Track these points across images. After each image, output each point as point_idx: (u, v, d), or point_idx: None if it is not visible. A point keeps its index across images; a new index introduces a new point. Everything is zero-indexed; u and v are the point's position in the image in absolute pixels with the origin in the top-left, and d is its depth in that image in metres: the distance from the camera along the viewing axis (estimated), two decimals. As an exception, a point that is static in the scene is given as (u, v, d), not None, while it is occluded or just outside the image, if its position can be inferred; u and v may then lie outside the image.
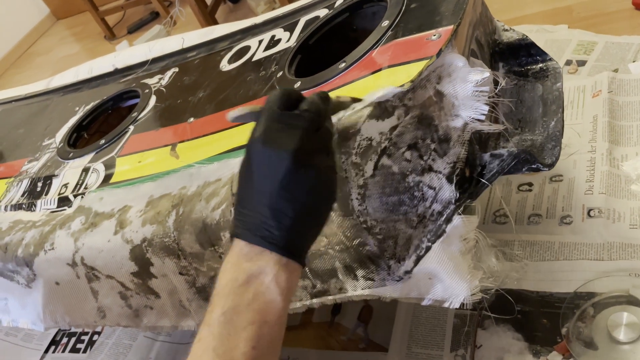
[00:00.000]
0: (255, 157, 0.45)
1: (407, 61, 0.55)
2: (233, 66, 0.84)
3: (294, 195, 0.44)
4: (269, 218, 0.44)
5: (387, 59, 0.57)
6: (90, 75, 1.14)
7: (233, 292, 0.43)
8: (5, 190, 0.91)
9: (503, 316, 0.76)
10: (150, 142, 0.79)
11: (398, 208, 0.53)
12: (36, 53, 2.97)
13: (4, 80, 2.83)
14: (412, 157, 0.54)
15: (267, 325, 0.43)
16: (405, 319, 0.83)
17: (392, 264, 0.55)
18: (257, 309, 0.43)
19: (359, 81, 0.58)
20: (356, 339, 0.86)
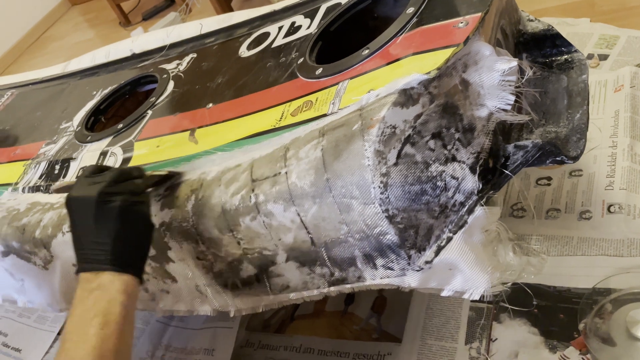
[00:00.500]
0: (72, 207, 0.60)
1: (433, 48, 0.54)
2: (252, 52, 0.84)
3: (106, 226, 0.58)
4: (94, 247, 0.58)
5: (412, 46, 0.56)
6: (107, 59, 1.14)
7: (80, 303, 0.56)
8: (23, 173, 0.91)
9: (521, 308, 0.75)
10: (169, 127, 0.79)
11: (420, 197, 0.53)
12: (51, 38, 2.97)
13: (18, 65, 2.84)
14: (436, 146, 0.53)
15: (110, 314, 0.55)
16: (419, 310, 0.83)
17: (412, 253, 0.54)
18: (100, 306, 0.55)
19: (382, 68, 0.58)
20: (369, 329, 0.86)
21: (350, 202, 0.53)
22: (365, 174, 0.51)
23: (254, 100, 0.72)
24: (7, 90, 1.26)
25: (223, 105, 0.76)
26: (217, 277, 0.66)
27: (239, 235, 0.61)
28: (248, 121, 0.69)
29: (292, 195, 0.56)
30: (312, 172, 0.55)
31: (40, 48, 2.91)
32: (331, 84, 0.62)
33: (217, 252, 0.64)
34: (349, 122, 0.53)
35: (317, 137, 0.55)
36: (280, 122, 0.63)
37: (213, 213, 0.62)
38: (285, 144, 0.58)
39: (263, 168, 0.59)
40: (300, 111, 0.62)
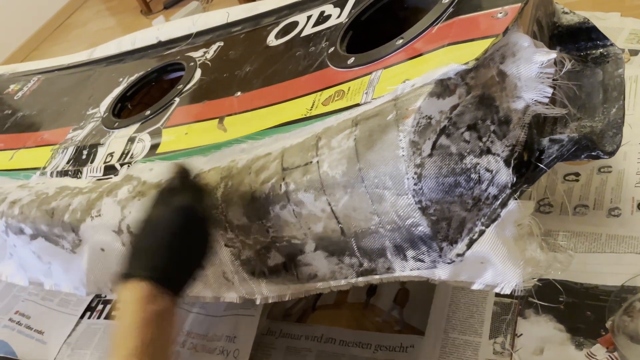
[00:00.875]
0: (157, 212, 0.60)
1: (471, 39, 0.53)
2: (280, 41, 0.84)
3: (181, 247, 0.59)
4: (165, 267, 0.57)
5: (449, 37, 0.56)
6: (133, 47, 1.15)
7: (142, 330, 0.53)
8: (50, 157, 0.92)
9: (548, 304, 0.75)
10: (197, 115, 0.79)
11: (454, 190, 0.52)
12: (73, 25, 3.00)
13: (41, 52, 2.87)
14: (471, 138, 0.53)
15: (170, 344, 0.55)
16: (443, 303, 0.83)
17: (444, 246, 0.54)
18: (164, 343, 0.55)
19: (417, 58, 0.57)
20: (391, 321, 0.86)
21: (383, 192, 0.53)
22: (399, 164, 0.51)
23: (284, 89, 0.72)
24: (33, 76, 1.28)
25: (252, 94, 0.76)
26: (245, 265, 0.66)
27: (268, 223, 0.61)
28: (278, 110, 0.69)
29: (323, 184, 0.56)
30: (344, 161, 0.54)
31: (63, 35, 2.93)
32: (364, 74, 0.61)
33: (246, 240, 0.64)
34: (383, 112, 0.53)
35: (350, 127, 0.55)
36: (311, 111, 0.63)
37: (242, 201, 0.62)
38: (317, 133, 0.58)
39: (294, 157, 0.59)
40: (332, 100, 0.62)
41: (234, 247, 0.66)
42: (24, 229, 0.82)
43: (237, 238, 0.65)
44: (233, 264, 0.67)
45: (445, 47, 0.55)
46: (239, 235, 0.64)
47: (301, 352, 0.89)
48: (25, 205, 0.81)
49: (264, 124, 0.68)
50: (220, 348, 0.93)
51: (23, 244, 0.84)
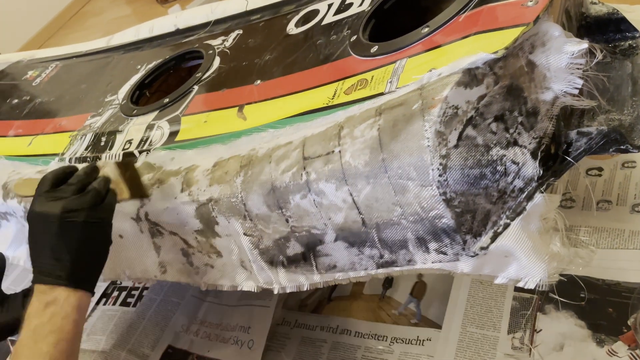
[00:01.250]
0: (33, 221, 0.62)
1: (500, 27, 0.52)
2: (301, 29, 0.83)
3: (66, 244, 0.60)
4: (53, 263, 0.60)
5: (477, 25, 0.54)
6: (151, 34, 1.14)
7: (36, 316, 0.59)
8: (69, 144, 0.93)
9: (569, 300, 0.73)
10: (216, 103, 0.79)
11: (479, 182, 0.51)
12: (89, 13, 3.00)
13: (57, 39, 2.88)
14: (498, 129, 0.51)
15: (63, 331, 0.58)
16: (460, 297, 0.82)
17: (468, 238, 0.53)
18: (55, 322, 0.58)
19: (444, 47, 0.56)
20: (408, 314, 0.85)
21: (407, 183, 0.52)
22: (424, 155, 0.50)
23: (304, 78, 0.71)
24: (51, 62, 1.28)
25: (272, 82, 0.75)
26: (263, 254, 0.66)
27: (287, 212, 0.61)
28: (298, 99, 0.68)
29: (345, 174, 0.55)
30: (367, 151, 0.54)
31: (79, 23, 2.94)
32: (388, 62, 0.60)
33: (265, 229, 0.64)
34: (409, 101, 0.52)
35: (374, 116, 0.54)
36: (333, 100, 0.62)
37: (262, 190, 0.61)
38: (339, 122, 0.57)
39: (315, 146, 0.58)
40: (355, 89, 0.61)
41: (253, 235, 0.65)
42: (43, 214, 0.82)
43: (256, 227, 0.64)
44: (251, 253, 0.66)
45: (473, 35, 0.54)
46: (258, 224, 0.64)
47: (316, 342, 0.88)
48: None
49: (284, 112, 0.67)
50: (235, 338, 0.93)
51: (41, 229, 0.84)
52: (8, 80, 1.31)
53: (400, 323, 0.84)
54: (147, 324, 1.04)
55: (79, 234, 0.61)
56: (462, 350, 0.76)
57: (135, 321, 1.05)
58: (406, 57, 0.59)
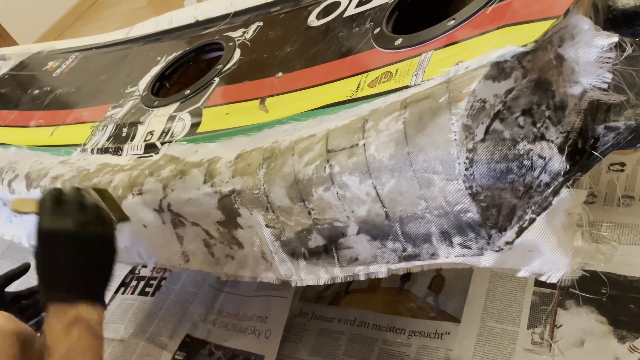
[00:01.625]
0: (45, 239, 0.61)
1: (529, 20, 0.51)
2: (322, 22, 0.82)
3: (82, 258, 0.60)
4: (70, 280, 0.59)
5: (505, 18, 0.54)
6: (171, 26, 1.15)
7: (63, 338, 0.56)
8: (90, 134, 0.94)
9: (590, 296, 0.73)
10: (237, 95, 0.79)
11: (505, 176, 0.51)
12: (105, 5, 3.02)
13: (74, 30, 2.90)
14: (525, 123, 0.51)
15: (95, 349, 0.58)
16: (479, 291, 0.82)
17: (493, 233, 0.53)
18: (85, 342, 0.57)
19: (471, 39, 0.55)
20: (426, 308, 0.85)
21: (432, 177, 0.52)
22: (450, 148, 0.50)
23: (327, 70, 0.71)
24: (71, 54, 1.29)
25: (294, 75, 0.75)
26: (285, 246, 0.66)
27: (310, 205, 0.61)
28: (321, 91, 0.68)
29: (370, 167, 0.55)
30: (392, 144, 0.53)
31: (95, 14, 2.96)
32: (413, 55, 0.60)
33: (287, 221, 0.64)
34: (435, 94, 0.52)
35: (399, 109, 0.54)
36: (356, 93, 0.62)
37: (285, 182, 0.62)
38: (363, 115, 0.57)
39: (339, 139, 0.58)
40: (379, 82, 0.61)
41: (275, 228, 0.65)
42: (66, 204, 0.83)
43: (278, 219, 0.65)
44: (273, 245, 0.67)
45: (501, 28, 0.53)
46: (280, 216, 0.64)
47: (334, 334, 0.89)
48: (67, 181, 0.83)
49: (307, 105, 0.67)
50: (252, 328, 0.94)
51: (64, 219, 0.85)
52: (28, 71, 1.33)
53: (418, 316, 0.85)
54: (165, 313, 1.05)
55: (93, 247, 0.61)
56: (481, 345, 0.76)
57: (153, 310, 1.07)
58: (432, 49, 0.58)
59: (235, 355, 0.91)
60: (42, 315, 0.67)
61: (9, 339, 0.65)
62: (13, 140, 1.06)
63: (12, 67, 1.37)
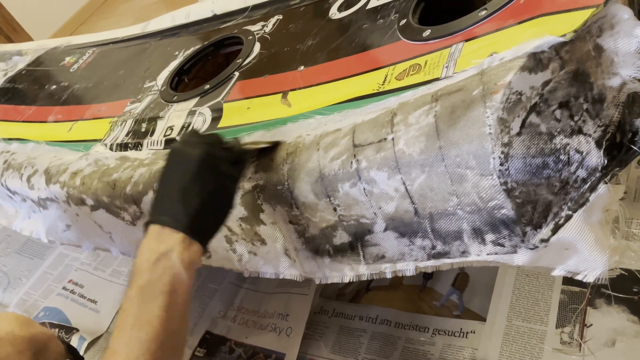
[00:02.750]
0: (173, 158, 0.59)
1: (567, 9, 0.49)
2: (344, 14, 0.81)
3: (198, 188, 0.56)
4: (179, 206, 0.55)
5: (541, 7, 0.52)
6: (188, 20, 1.14)
7: (147, 269, 0.53)
8: (109, 130, 0.93)
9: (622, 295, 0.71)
10: (258, 89, 0.78)
11: (541, 171, 0.49)
12: (119, 1, 3.02)
13: (88, 26, 2.90)
14: (562, 117, 0.49)
15: (175, 293, 0.53)
16: (506, 290, 0.80)
17: (528, 230, 0.51)
18: (166, 281, 0.53)
19: (504, 30, 0.54)
20: (450, 306, 0.84)
21: (465, 172, 0.50)
22: (485, 143, 0.48)
23: (351, 63, 0.69)
24: (88, 49, 1.28)
25: (316, 68, 0.73)
26: (309, 243, 0.65)
27: (336, 201, 0.60)
28: (345, 84, 0.67)
29: (399, 162, 0.54)
30: (422, 139, 0.52)
31: (110, 9, 2.96)
32: (442, 47, 0.58)
33: (311, 217, 0.63)
34: (468, 87, 0.50)
35: (430, 102, 0.52)
36: (383, 86, 0.61)
37: (310, 177, 0.60)
38: (392, 109, 0.56)
39: (367, 133, 0.57)
40: (407, 75, 0.59)
41: (299, 224, 0.64)
42: (85, 199, 0.82)
43: (303, 215, 0.63)
44: (297, 242, 0.66)
45: (537, 18, 0.51)
46: (305, 212, 0.63)
47: (355, 332, 0.88)
48: (86, 176, 0.82)
49: (331, 98, 0.66)
50: (273, 325, 0.93)
51: (84, 214, 0.85)
52: (45, 66, 1.32)
53: (442, 315, 0.83)
54: (184, 309, 1.04)
55: (213, 182, 0.57)
56: (508, 344, 0.75)
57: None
58: (463, 41, 0.57)
59: (256, 353, 0.90)
60: None
61: (19, 345, 0.63)
62: (31, 136, 1.06)
63: (29, 63, 1.37)
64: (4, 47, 1.54)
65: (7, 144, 1.07)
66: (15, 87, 1.28)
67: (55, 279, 1.34)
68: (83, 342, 1.11)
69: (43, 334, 0.68)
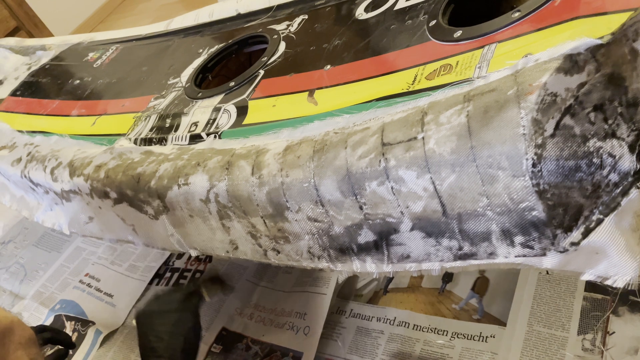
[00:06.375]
0: None
1: (603, 12, 0.49)
2: (371, 15, 0.81)
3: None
4: None
5: (577, 9, 0.52)
6: (211, 19, 1.15)
7: None
8: (133, 124, 0.94)
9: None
10: (284, 87, 0.78)
11: (574, 174, 0.49)
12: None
13: (107, 24, 2.93)
14: (597, 120, 0.49)
15: None
16: (526, 295, 0.80)
17: (558, 233, 0.51)
18: None
19: (539, 32, 0.54)
20: (469, 310, 0.83)
21: (497, 173, 0.50)
22: (518, 144, 0.48)
23: (379, 63, 0.69)
24: (111, 45, 1.30)
25: (343, 67, 0.74)
26: (333, 241, 0.65)
27: (362, 199, 0.60)
28: (373, 84, 0.67)
29: (428, 162, 0.54)
30: (454, 138, 0.52)
31: (129, 8, 2.99)
32: (474, 47, 0.58)
33: (336, 215, 0.63)
34: (502, 87, 0.50)
35: (462, 102, 0.52)
36: (413, 86, 0.61)
37: (337, 175, 0.60)
38: (422, 108, 0.56)
39: (396, 132, 0.57)
40: (437, 75, 0.59)
41: (324, 222, 0.64)
42: (109, 192, 0.83)
43: (328, 213, 0.63)
44: (320, 240, 0.66)
45: (572, 20, 0.51)
46: (330, 210, 0.63)
47: (372, 333, 0.87)
48: (111, 170, 0.83)
49: (359, 97, 0.66)
50: (290, 324, 0.93)
51: (107, 207, 0.86)
52: (69, 61, 1.34)
53: (461, 318, 0.83)
54: (200, 305, 1.05)
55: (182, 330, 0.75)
56: (528, 350, 0.74)
57: (189, 303, 1.06)
58: (495, 42, 0.57)
59: (272, 351, 0.90)
60: None
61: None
62: (55, 129, 1.07)
63: (53, 58, 1.39)
64: (27, 41, 1.56)
65: (30, 136, 1.08)
66: (38, 81, 1.30)
67: (72, 273, 1.35)
68: (99, 335, 1.12)
69: (5, 317, 0.68)
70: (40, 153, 0.99)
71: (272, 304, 0.99)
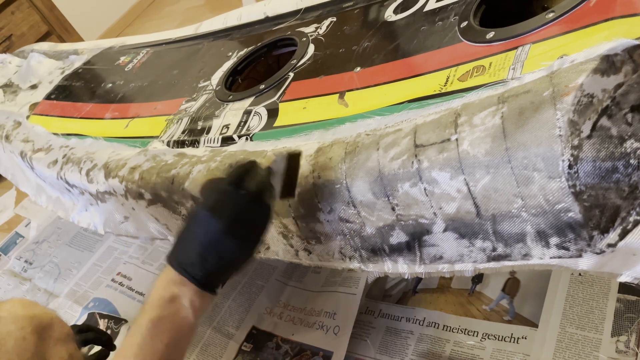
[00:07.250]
0: (198, 215, 0.61)
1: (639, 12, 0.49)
2: (400, 16, 0.81)
3: (218, 251, 0.60)
4: (196, 261, 0.60)
5: (613, 10, 0.51)
6: (240, 22, 1.16)
7: (159, 306, 0.60)
8: (165, 127, 0.96)
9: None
10: (314, 89, 0.79)
11: (611, 175, 0.49)
12: (164, 3, 3.09)
13: (134, 28, 2.99)
14: (634, 121, 0.49)
15: (180, 333, 0.60)
16: (559, 296, 0.79)
17: (595, 234, 0.50)
18: (174, 321, 0.60)
19: (574, 32, 0.53)
20: (500, 311, 0.83)
21: (532, 174, 0.50)
22: (554, 145, 0.48)
23: (409, 65, 0.70)
24: (142, 49, 1.32)
25: (373, 69, 0.74)
26: (365, 241, 0.66)
27: (394, 200, 0.60)
28: (405, 86, 0.67)
29: (462, 163, 0.54)
30: (488, 140, 0.52)
31: (155, 12, 3.04)
32: (508, 49, 0.58)
33: (368, 216, 0.63)
34: (537, 88, 0.50)
35: (496, 104, 0.53)
36: (445, 87, 0.61)
37: (369, 177, 0.61)
38: (455, 110, 0.56)
39: (429, 134, 0.57)
40: (470, 76, 0.59)
41: (355, 222, 0.65)
42: (144, 194, 0.85)
43: (359, 214, 0.64)
44: (352, 240, 0.66)
45: (610, 21, 0.51)
46: (362, 211, 0.64)
47: (402, 334, 0.88)
48: (145, 172, 0.85)
49: (390, 99, 0.66)
50: (320, 323, 0.94)
51: (141, 207, 0.88)
52: (101, 65, 1.37)
53: (492, 319, 0.82)
54: (231, 303, 1.07)
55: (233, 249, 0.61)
56: (561, 351, 0.74)
57: (219, 301, 1.08)
58: (529, 43, 0.57)
59: (302, 350, 0.91)
60: None
61: (20, 322, 0.66)
62: (89, 132, 1.10)
63: (85, 62, 1.42)
64: (60, 46, 1.60)
65: (66, 139, 1.11)
66: (72, 84, 1.34)
67: (105, 271, 1.38)
68: (132, 333, 1.14)
69: (45, 314, 0.71)
70: (76, 155, 1.02)
71: (302, 303, 1.00)
